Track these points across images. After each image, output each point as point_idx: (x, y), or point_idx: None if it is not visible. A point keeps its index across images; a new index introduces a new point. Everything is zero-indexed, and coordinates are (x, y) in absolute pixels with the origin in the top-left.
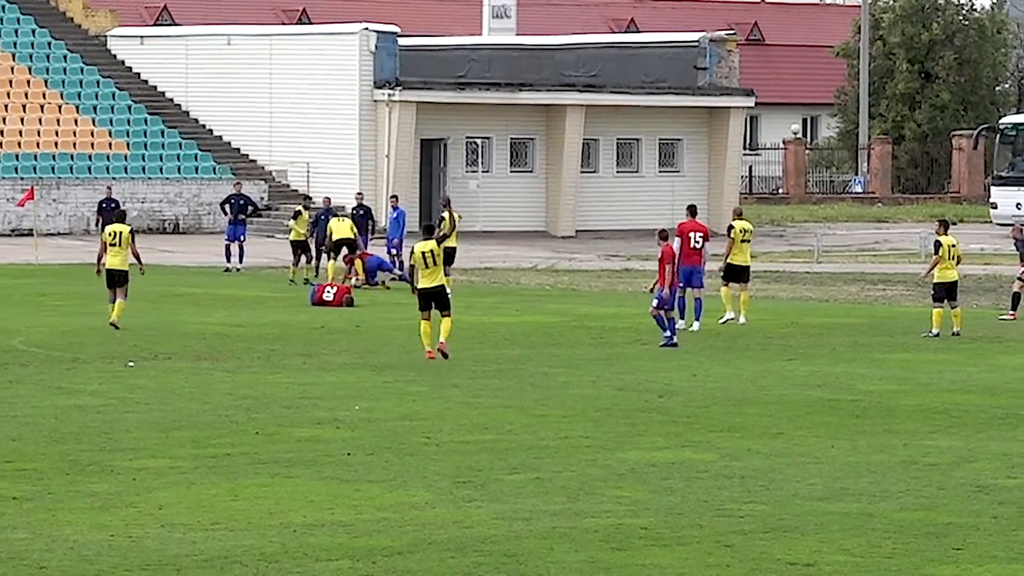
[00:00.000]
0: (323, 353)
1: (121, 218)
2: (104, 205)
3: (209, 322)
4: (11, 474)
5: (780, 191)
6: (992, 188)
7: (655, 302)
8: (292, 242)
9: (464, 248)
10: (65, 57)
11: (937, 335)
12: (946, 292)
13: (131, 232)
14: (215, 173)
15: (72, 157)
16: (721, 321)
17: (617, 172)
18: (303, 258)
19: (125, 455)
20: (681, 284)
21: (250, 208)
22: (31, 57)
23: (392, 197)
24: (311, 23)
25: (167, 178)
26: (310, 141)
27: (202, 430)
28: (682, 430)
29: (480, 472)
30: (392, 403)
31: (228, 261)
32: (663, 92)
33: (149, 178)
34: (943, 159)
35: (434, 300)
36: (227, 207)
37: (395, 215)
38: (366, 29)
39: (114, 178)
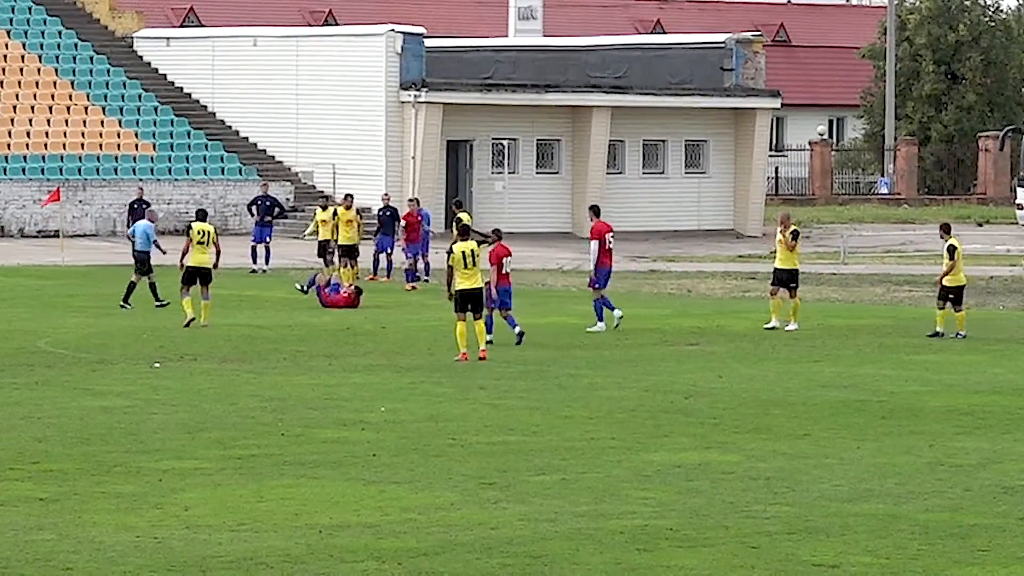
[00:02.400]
0: (349, 354)
1: (203, 217)
2: (135, 206)
3: (235, 323)
4: (37, 475)
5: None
6: (1018, 189)
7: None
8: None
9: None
10: (91, 59)
11: (940, 335)
12: (953, 295)
13: (215, 230)
14: (241, 174)
15: (98, 159)
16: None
17: (643, 173)
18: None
19: (151, 456)
20: (598, 286)
21: (276, 210)
22: (58, 59)
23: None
24: (337, 24)
25: (193, 179)
26: (336, 142)
27: (228, 431)
28: (707, 431)
29: (506, 473)
30: (418, 404)
31: (254, 263)
32: (689, 93)
33: (175, 179)
34: (969, 160)
35: (471, 302)
36: (254, 208)
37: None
38: (392, 30)
39: (141, 179)
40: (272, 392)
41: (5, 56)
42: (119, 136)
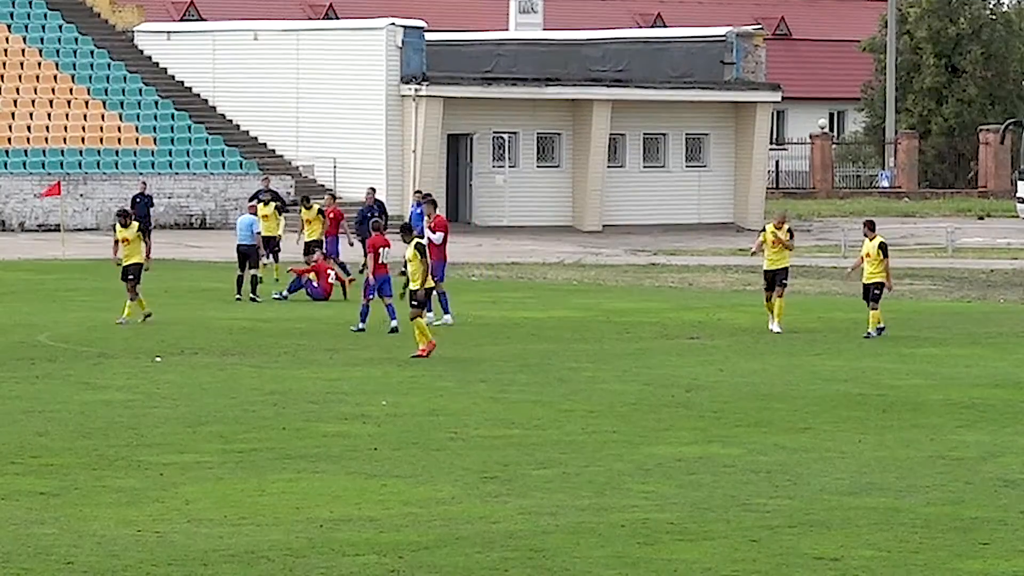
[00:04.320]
0: (350, 348)
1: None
2: (138, 200)
3: (236, 317)
4: (38, 469)
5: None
6: (1019, 183)
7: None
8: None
9: (490, 243)
10: (92, 52)
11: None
12: (878, 291)
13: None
14: (242, 168)
15: (99, 152)
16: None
17: (644, 167)
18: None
19: (152, 450)
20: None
21: (276, 204)
22: (58, 52)
23: (416, 192)
24: (337, 18)
25: (194, 173)
26: (337, 136)
27: (229, 425)
28: (709, 425)
29: (507, 467)
30: (419, 398)
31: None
32: (690, 87)
33: (176, 173)
34: (970, 154)
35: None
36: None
37: (419, 210)
38: (393, 24)
39: (141, 173)
40: (273, 386)
41: (6, 50)
42: (120, 130)
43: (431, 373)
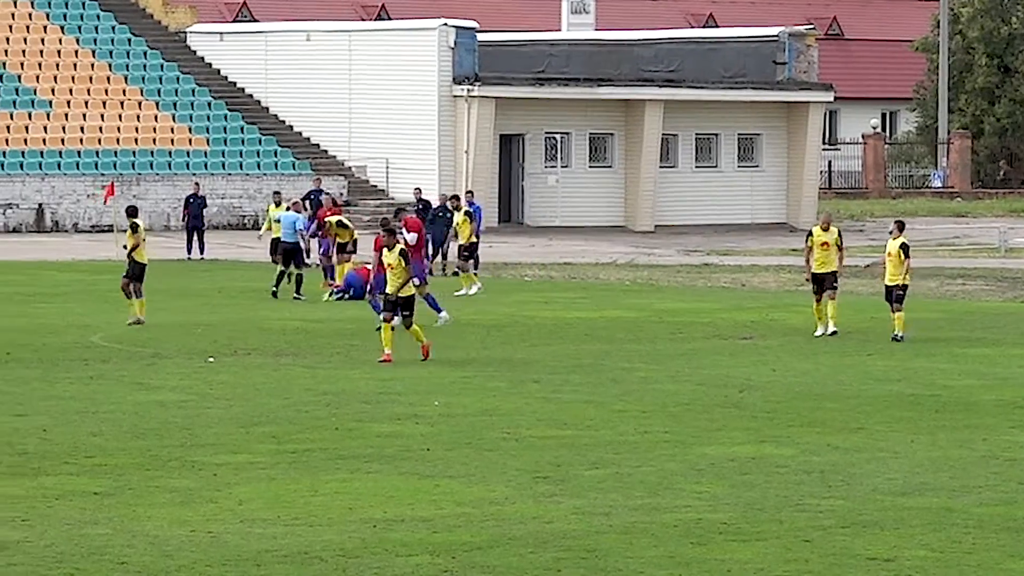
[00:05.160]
0: (403, 348)
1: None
2: (190, 201)
3: (289, 318)
4: (92, 469)
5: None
6: None
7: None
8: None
9: (543, 243)
10: (145, 54)
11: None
12: (902, 292)
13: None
14: (294, 169)
15: (152, 153)
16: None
17: (696, 167)
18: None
19: (205, 451)
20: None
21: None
22: (111, 54)
23: (468, 192)
24: (390, 19)
25: (247, 174)
26: (389, 137)
27: (282, 426)
28: (761, 425)
29: (560, 467)
30: (471, 398)
31: (307, 257)
32: (742, 87)
33: (229, 174)
34: (1023, 153)
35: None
36: (307, 203)
37: (471, 209)
38: (445, 24)
39: (194, 174)
40: (326, 386)
41: (59, 52)
42: (173, 131)
43: (483, 373)
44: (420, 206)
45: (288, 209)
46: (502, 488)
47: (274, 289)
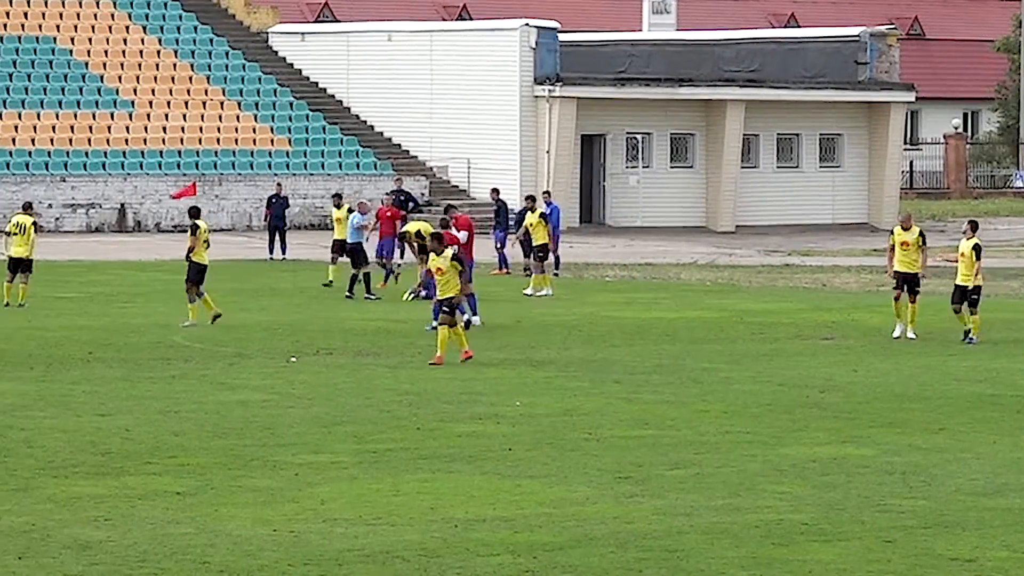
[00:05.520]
0: (483, 349)
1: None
2: (273, 201)
3: (370, 317)
4: (174, 469)
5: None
6: None
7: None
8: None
9: (624, 243)
10: (227, 54)
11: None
12: (975, 295)
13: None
14: (376, 169)
15: (234, 153)
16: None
17: (777, 167)
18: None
19: (287, 450)
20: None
21: (411, 204)
22: (193, 54)
23: (544, 192)
24: (471, 19)
25: (328, 174)
26: (470, 137)
27: (363, 425)
28: (843, 426)
29: (641, 468)
30: (553, 398)
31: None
32: (823, 87)
33: (310, 174)
34: None
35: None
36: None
37: (547, 210)
38: (527, 25)
39: (276, 174)
40: (408, 386)
41: (142, 52)
42: (255, 131)
43: (565, 373)
44: (497, 207)
45: (351, 211)
46: (583, 488)
47: (351, 293)
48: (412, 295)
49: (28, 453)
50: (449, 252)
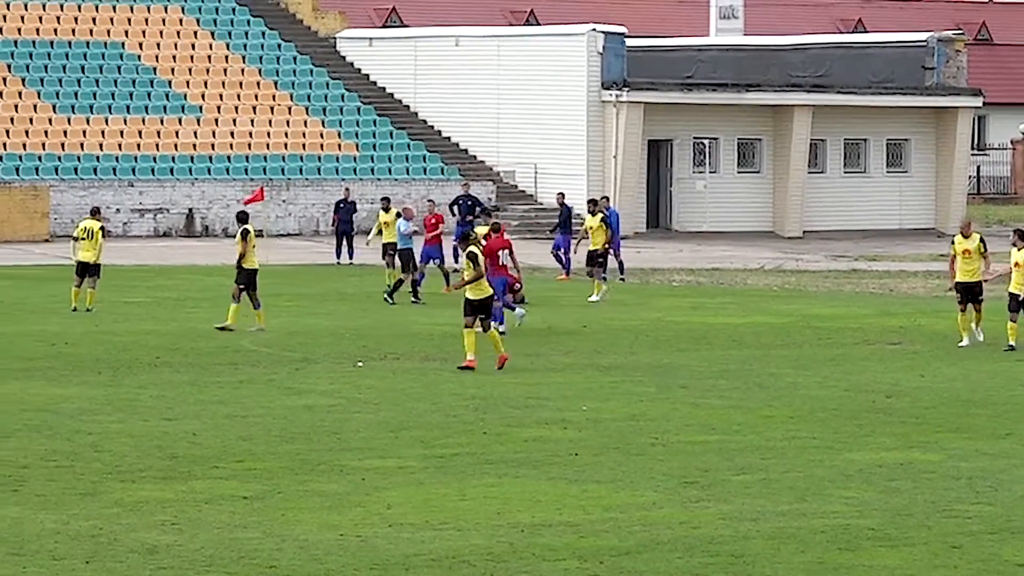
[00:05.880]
0: (550, 353)
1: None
2: (341, 205)
3: (437, 322)
4: (241, 473)
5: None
6: None
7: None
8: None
9: (691, 248)
10: (295, 59)
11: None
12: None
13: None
14: (443, 174)
15: (302, 158)
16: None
17: (844, 172)
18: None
19: (354, 455)
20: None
21: (478, 209)
22: (261, 59)
23: (603, 198)
24: (539, 24)
25: (396, 179)
26: (537, 142)
27: (430, 430)
28: (909, 431)
29: (707, 472)
30: (619, 403)
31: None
32: (891, 92)
33: (378, 179)
34: None
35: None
36: (455, 208)
37: (609, 214)
38: (594, 30)
39: (343, 179)
40: (474, 391)
41: (209, 57)
42: (322, 136)
43: (631, 379)
44: (563, 211)
45: (398, 215)
46: (649, 493)
47: (390, 299)
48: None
49: (96, 457)
50: (467, 251)
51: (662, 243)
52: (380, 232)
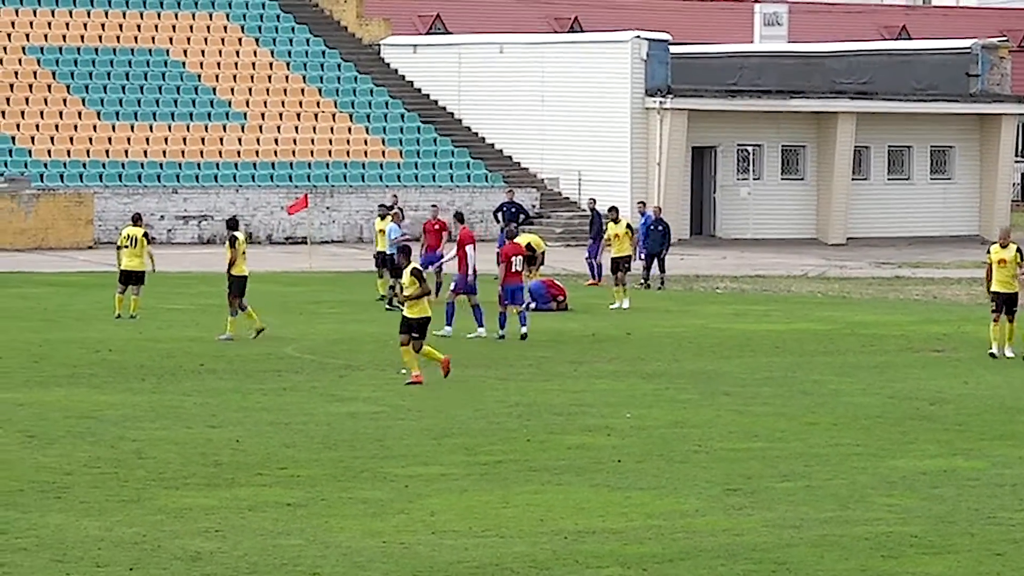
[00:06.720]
0: (594, 360)
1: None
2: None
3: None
4: (285, 480)
5: None
6: None
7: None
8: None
9: (734, 255)
10: (339, 66)
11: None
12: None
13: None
14: (487, 181)
15: (346, 165)
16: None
17: (888, 179)
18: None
19: (397, 462)
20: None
21: (522, 216)
22: (305, 66)
23: (639, 203)
24: (583, 31)
25: (440, 186)
26: (581, 149)
27: (473, 437)
28: (953, 438)
29: (750, 480)
30: (662, 410)
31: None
32: (935, 99)
33: (422, 186)
34: None
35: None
36: (499, 215)
37: (644, 220)
38: (638, 37)
39: (387, 186)
40: (517, 398)
41: (254, 64)
42: (366, 143)
43: (674, 385)
44: (592, 218)
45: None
46: (693, 500)
47: (389, 306)
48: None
49: (139, 464)
50: (410, 268)
51: (706, 250)
52: (376, 240)
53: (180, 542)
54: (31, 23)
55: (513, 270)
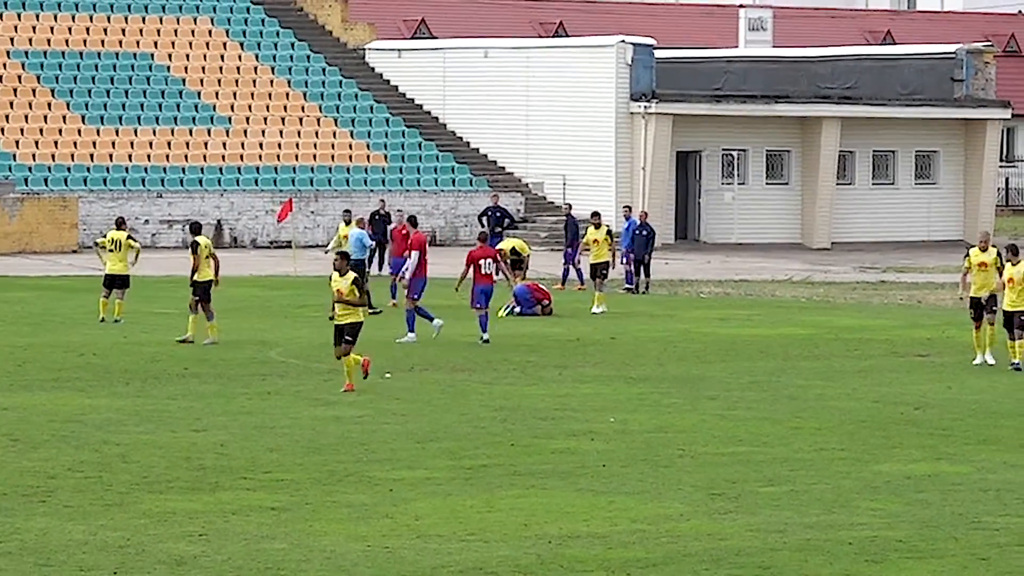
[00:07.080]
0: (578, 365)
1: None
2: (375, 216)
3: (465, 333)
4: (269, 484)
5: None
6: None
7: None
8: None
9: (719, 260)
10: (324, 70)
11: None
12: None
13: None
14: (472, 185)
15: (330, 170)
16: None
17: (873, 184)
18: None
19: (381, 466)
20: (415, 297)
21: (507, 220)
22: (290, 71)
23: (625, 207)
24: (568, 36)
25: (424, 190)
26: (566, 153)
27: (458, 441)
28: (937, 443)
29: (735, 484)
30: (647, 415)
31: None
32: (919, 104)
33: (406, 190)
34: None
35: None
36: (484, 219)
37: (628, 225)
38: (623, 42)
39: (372, 190)
40: (502, 402)
41: (238, 68)
42: (351, 147)
43: (659, 390)
44: (567, 223)
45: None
46: (677, 505)
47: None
48: (507, 311)
49: (123, 468)
50: (350, 276)
51: (690, 254)
52: (340, 245)
53: (164, 546)
54: (15, 27)
55: (483, 272)
